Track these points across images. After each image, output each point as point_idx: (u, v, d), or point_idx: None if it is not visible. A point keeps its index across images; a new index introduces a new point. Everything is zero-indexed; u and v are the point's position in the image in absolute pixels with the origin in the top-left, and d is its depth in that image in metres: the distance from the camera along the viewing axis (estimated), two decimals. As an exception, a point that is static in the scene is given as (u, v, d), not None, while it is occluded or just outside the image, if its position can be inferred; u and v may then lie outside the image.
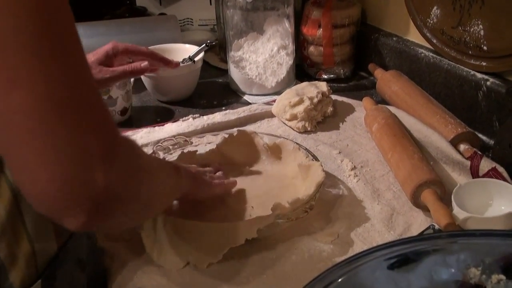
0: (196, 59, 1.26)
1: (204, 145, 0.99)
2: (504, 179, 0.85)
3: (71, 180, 0.47)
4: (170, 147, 0.98)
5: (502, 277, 0.53)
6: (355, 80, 1.37)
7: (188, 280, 0.74)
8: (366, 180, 0.94)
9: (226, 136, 0.99)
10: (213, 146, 0.99)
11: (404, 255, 0.54)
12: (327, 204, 0.87)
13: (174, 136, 1.02)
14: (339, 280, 0.48)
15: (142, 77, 1.27)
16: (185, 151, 0.96)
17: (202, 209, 0.84)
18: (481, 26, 1.03)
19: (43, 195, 0.47)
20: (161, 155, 0.96)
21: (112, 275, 0.75)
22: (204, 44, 1.28)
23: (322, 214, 0.85)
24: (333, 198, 0.89)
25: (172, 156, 0.96)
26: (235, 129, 1.04)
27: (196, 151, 0.96)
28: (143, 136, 1.10)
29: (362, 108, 1.15)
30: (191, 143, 0.99)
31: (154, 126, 1.15)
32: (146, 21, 1.52)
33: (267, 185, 0.92)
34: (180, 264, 0.76)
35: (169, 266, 0.76)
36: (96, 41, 1.36)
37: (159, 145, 0.99)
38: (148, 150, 1.01)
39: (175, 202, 0.83)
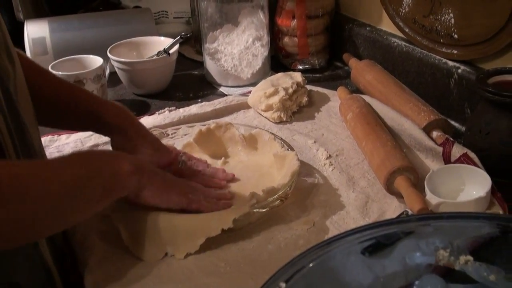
0: (171, 51, 1.26)
1: (180, 137, 0.99)
2: (475, 164, 0.86)
3: None
4: None
5: (470, 258, 0.54)
6: (330, 70, 1.38)
7: (166, 272, 0.74)
8: (341, 169, 0.95)
9: (202, 128, 0.99)
10: (189, 138, 0.99)
11: (376, 239, 0.55)
12: (302, 193, 0.88)
13: (150, 129, 1.02)
14: (310, 265, 0.49)
15: (117, 70, 1.27)
16: None
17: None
18: (451, 15, 1.05)
19: None
20: None
21: (90, 268, 0.75)
22: (179, 37, 1.28)
23: (298, 202, 0.86)
24: (309, 186, 0.90)
25: None
26: (211, 121, 1.05)
27: (173, 144, 0.96)
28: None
29: (337, 98, 1.15)
30: (167, 135, 0.99)
31: (130, 120, 1.14)
32: (120, 14, 1.51)
33: (243, 175, 0.93)
34: (158, 255, 0.76)
35: (147, 258, 0.76)
36: (71, 35, 1.36)
37: None
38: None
39: None
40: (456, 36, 1.05)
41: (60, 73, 1.13)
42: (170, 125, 1.08)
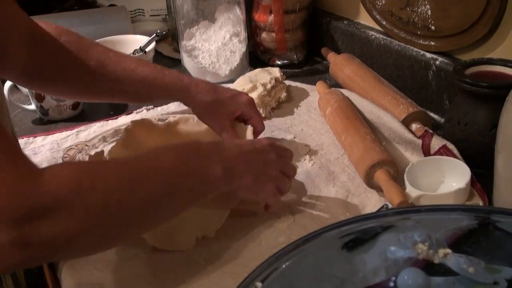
0: (147, 49, 1.24)
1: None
2: (455, 156, 0.86)
3: None
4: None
5: (448, 251, 0.54)
6: (308, 65, 1.38)
7: (145, 270, 0.74)
8: (321, 164, 0.94)
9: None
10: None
11: (354, 234, 0.55)
12: (282, 189, 0.88)
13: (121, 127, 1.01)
14: (287, 263, 0.49)
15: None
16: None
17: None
18: (428, 6, 1.04)
19: None
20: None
21: (66, 272, 0.73)
22: (155, 34, 1.27)
23: (277, 199, 0.85)
24: (289, 183, 0.90)
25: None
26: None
27: (103, 151, 0.91)
28: (96, 130, 1.08)
29: (316, 93, 1.15)
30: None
31: (108, 120, 1.13)
32: (95, 13, 1.50)
33: None
34: (192, 241, 0.76)
35: (184, 247, 0.76)
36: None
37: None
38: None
39: None
40: (433, 28, 1.05)
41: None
42: (148, 124, 1.07)
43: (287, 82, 1.19)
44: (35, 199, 0.49)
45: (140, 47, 1.24)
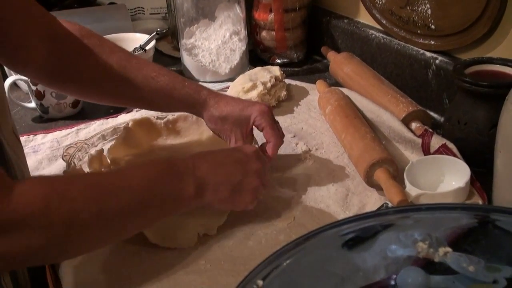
0: (147, 48, 1.24)
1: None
2: (454, 155, 0.86)
3: None
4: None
5: (449, 249, 0.54)
6: (308, 63, 1.38)
7: (146, 269, 0.73)
8: (321, 162, 0.94)
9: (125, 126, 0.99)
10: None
11: (355, 232, 0.55)
12: (282, 188, 0.88)
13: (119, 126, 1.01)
14: (288, 261, 0.49)
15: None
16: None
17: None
18: (428, 5, 1.04)
19: None
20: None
21: (68, 270, 0.73)
22: (155, 33, 1.27)
23: (277, 198, 0.85)
24: (288, 181, 0.90)
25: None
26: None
27: (102, 149, 0.92)
28: (96, 128, 1.09)
29: (316, 91, 1.15)
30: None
31: (108, 118, 1.13)
32: (95, 11, 1.49)
33: None
34: (194, 239, 0.77)
35: (185, 244, 0.76)
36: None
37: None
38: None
39: None
40: (433, 26, 1.05)
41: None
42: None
43: (287, 81, 1.19)
44: (0, 215, 0.51)
45: (140, 45, 1.24)
